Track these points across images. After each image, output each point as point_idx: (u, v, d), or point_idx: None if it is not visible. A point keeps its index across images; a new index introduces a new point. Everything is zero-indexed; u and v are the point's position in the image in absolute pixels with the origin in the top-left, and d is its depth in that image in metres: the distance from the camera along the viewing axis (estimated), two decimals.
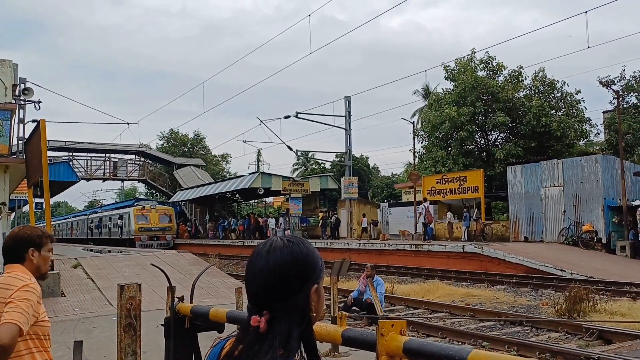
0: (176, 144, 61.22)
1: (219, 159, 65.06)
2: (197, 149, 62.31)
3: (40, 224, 35.42)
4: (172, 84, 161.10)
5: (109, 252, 23.06)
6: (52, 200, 51.45)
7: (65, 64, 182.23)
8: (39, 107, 17.02)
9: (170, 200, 47.19)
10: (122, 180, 52.71)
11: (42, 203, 22.91)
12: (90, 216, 53.02)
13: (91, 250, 27.35)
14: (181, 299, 3.78)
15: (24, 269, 2.52)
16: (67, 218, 68.42)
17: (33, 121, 15.66)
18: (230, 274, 17.00)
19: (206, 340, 1.66)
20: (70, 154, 45.20)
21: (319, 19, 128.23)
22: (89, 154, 47.83)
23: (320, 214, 36.61)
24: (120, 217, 41.83)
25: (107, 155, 48.22)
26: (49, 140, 20.36)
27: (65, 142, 43.00)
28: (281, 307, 1.24)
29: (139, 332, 3.23)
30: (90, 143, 46.71)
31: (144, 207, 40.16)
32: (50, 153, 32.75)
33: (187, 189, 44.89)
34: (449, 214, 27.25)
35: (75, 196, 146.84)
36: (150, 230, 39.06)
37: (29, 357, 2.40)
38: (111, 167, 48.39)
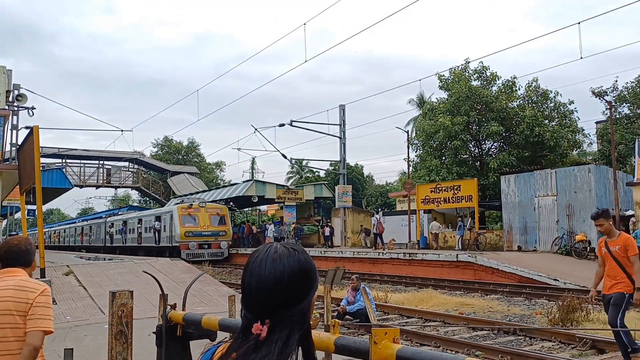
0: (170, 152, 61.23)
1: (213, 167, 65.08)
2: (191, 156, 62.34)
3: (32, 231, 35.25)
4: (165, 92, 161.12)
5: (104, 259, 22.89)
6: (45, 207, 50.78)
7: (57, 72, 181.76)
8: (33, 114, 17.02)
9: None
10: (116, 187, 52.54)
11: (34, 210, 22.78)
12: (108, 219, 44.66)
13: (82, 257, 26.83)
14: (173, 306, 3.75)
15: (25, 272, 2.71)
16: (75, 222, 60.81)
17: (26, 127, 15.64)
18: (223, 282, 16.93)
19: (198, 349, 1.64)
20: (64, 160, 45.03)
21: (313, 29, 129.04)
22: (82, 161, 47.71)
23: (292, 225, 34.77)
24: (158, 219, 33.38)
25: (101, 162, 48.12)
26: (42, 147, 20.27)
27: (59, 148, 42.87)
28: (284, 316, 1.22)
29: (130, 339, 3.21)
30: (83, 150, 46.66)
31: (191, 204, 31.49)
32: (43, 160, 32.58)
33: (181, 196, 44.71)
34: (435, 224, 27.10)
35: (68, 203, 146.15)
36: (200, 235, 30.57)
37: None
38: (105, 174, 48.27)
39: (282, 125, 32.02)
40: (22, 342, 2.60)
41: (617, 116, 27.95)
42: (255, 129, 32.09)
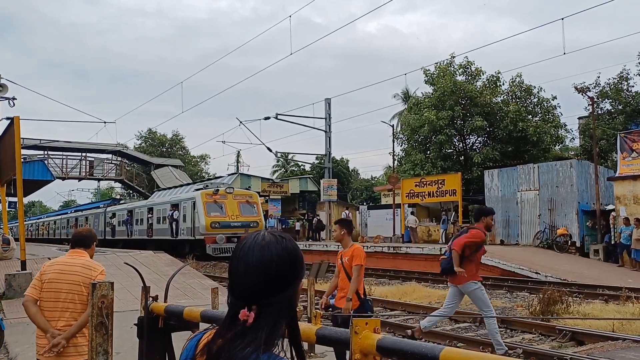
0: (154, 144, 60.70)
1: (198, 160, 64.69)
2: (175, 149, 61.86)
3: (13, 223, 34.62)
4: (148, 83, 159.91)
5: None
6: (26, 200, 49.87)
7: (38, 62, 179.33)
8: (14, 104, 16.73)
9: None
10: (99, 180, 51.98)
11: (15, 202, 22.47)
12: (109, 208, 39.68)
13: (66, 250, 26.09)
14: (155, 298, 3.73)
15: (87, 253, 3.82)
16: (67, 213, 56.36)
17: (7, 118, 15.39)
18: (207, 275, 16.88)
19: (180, 341, 1.64)
20: (45, 152, 44.42)
21: (296, 21, 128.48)
22: (64, 153, 47.06)
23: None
24: (175, 207, 28.61)
25: (83, 154, 47.55)
26: (23, 138, 19.93)
27: (40, 140, 42.24)
28: (271, 302, 1.23)
29: (110, 331, 3.19)
30: (65, 142, 45.96)
31: (217, 189, 26.83)
32: (24, 151, 32.07)
33: (164, 189, 44.29)
34: (411, 218, 27.19)
35: (50, 195, 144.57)
36: (229, 226, 25.80)
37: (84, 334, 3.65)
38: (87, 167, 47.71)
39: (267, 118, 31.94)
40: (83, 304, 3.59)
41: (599, 112, 28.27)
42: (241, 122, 31.93)
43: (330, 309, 10.87)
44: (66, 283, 3.62)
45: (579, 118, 33.40)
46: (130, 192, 58.29)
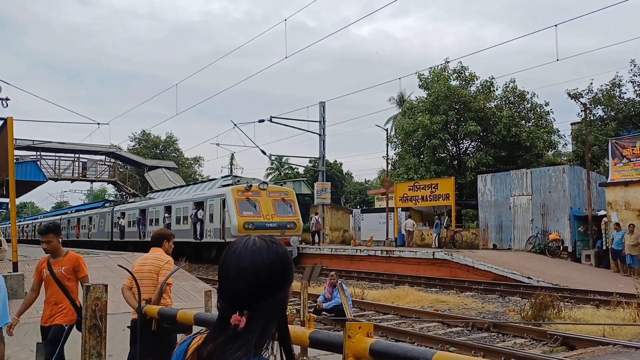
0: (148, 146, 60.53)
1: (192, 162, 64.56)
2: (169, 151, 61.72)
3: (4, 224, 34.40)
4: (142, 85, 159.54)
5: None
6: (18, 201, 49.43)
7: (30, 63, 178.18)
8: (7, 105, 16.65)
9: None
10: (92, 181, 51.75)
11: (7, 203, 22.34)
12: (117, 207, 36.86)
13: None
14: (149, 301, 3.74)
15: (162, 250, 5.11)
16: (67, 212, 54.31)
17: (0, 119, 15.32)
18: (200, 278, 16.84)
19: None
20: (38, 153, 44.15)
21: (290, 25, 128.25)
22: (57, 154, 46.82)
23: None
24: (199, 205, 25.89)
25: (76, 155, 47.32)
26: (16, 139, 19.82)
27: (33, 141, 42.01)
28: (262, 307, 1.24)
29: (104, 333, 3.19)
30: (59, 143, 45.72)
31: (250, 185, 24.06)
32: (17, 152, 31.82)
33: (157, 191, 44.12)
34: (409, 221, 27.21)
35: (43, 197, 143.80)
36: (264, 227, 22.82)
37: (167, 295, 4.86)
38: (80, 168, 47.45)
39: (261, 121, 31.92)
40: (155, 284, 4.82)
41: (592, 118, 28.43)
42: (235, 125, 31.91)
43: (324, 313, 10.89)
44: (145, 272, 4.91)
45: (572, 124, 33.58)
46: (124, 193, 58.10)
